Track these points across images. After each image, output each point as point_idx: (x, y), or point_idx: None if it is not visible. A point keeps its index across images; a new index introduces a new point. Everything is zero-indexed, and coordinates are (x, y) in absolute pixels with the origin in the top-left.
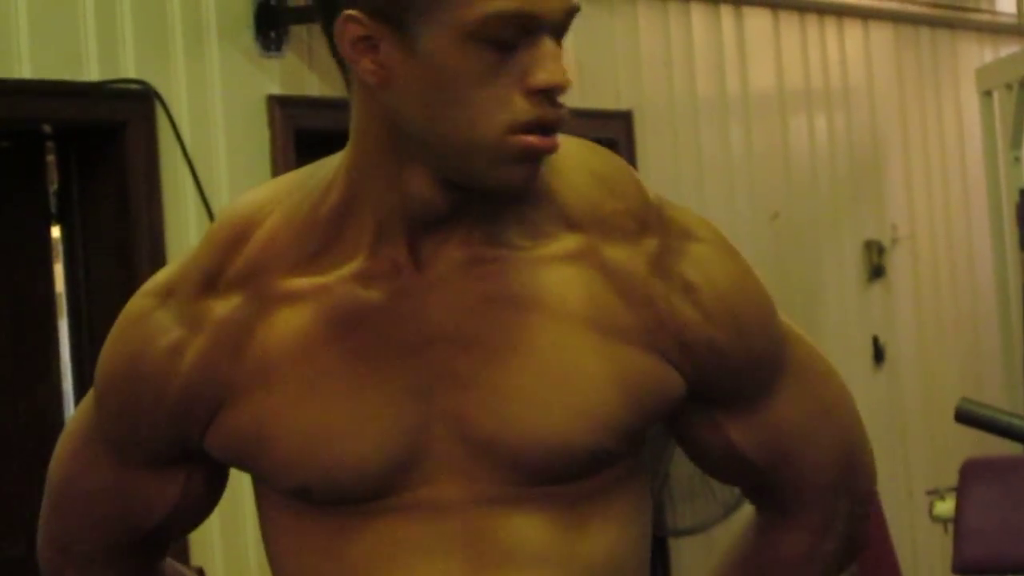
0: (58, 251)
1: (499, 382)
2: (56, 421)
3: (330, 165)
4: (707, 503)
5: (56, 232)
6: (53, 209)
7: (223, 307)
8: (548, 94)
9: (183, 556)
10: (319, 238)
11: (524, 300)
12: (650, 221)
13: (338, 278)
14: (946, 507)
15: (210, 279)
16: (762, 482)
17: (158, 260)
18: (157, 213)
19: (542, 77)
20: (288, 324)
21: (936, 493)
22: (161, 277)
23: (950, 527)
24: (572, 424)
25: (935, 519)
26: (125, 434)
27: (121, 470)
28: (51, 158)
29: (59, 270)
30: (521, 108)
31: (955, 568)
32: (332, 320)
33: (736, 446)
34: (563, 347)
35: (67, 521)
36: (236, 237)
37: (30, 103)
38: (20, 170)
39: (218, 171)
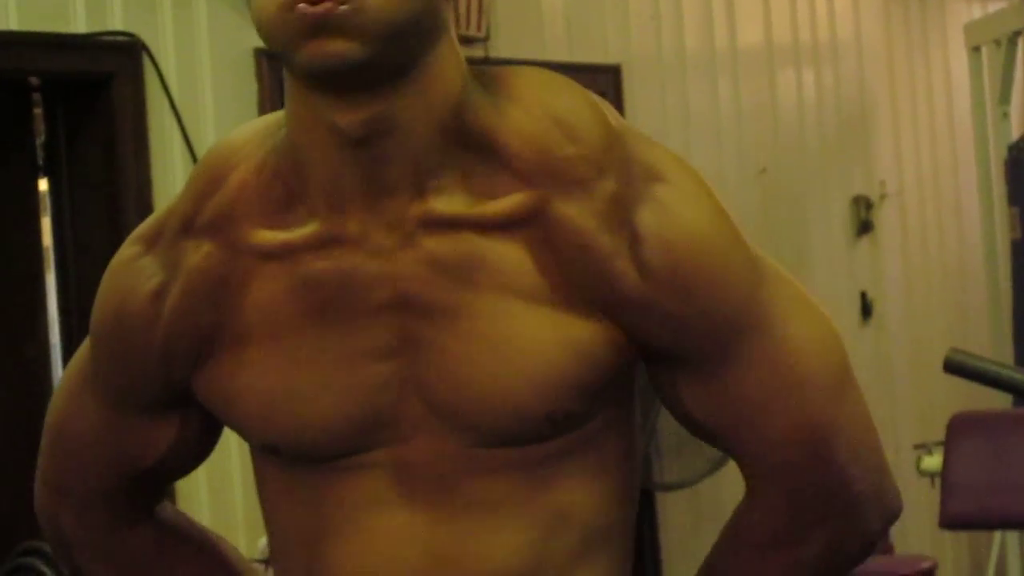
0: (45, 204)
1: (450, 347)
2: (44, 375)
3: None
4: (694, 458)
5: (43, 185)
6: (40, 162)
7: (195, 252)
8: None
9: None
10: (284, 191)
11: (468, 267)
12: (608, 164)
13: (302, 238)
14: (933, 462)
15: (186, 223)
16: (722, 447)
17: (146, 213)
18: (144, 166)
19: None
20: (262, 284)
21: (924, 448)
22: (149, 222)
23: (937, 481)
24: (521, 389)
25: (922, 473)
26: (118, 381)
27: (115, 413)
28: (38, 111)
29: (46, 223)
30: None
31: (942, 522)
32: (296, 281)
33: (686, 407)
34: (505, 314)
35: (63, 463)
36: (211, 180)
37: (17, 55)
38: (7, 123)
39: (205, 124)
